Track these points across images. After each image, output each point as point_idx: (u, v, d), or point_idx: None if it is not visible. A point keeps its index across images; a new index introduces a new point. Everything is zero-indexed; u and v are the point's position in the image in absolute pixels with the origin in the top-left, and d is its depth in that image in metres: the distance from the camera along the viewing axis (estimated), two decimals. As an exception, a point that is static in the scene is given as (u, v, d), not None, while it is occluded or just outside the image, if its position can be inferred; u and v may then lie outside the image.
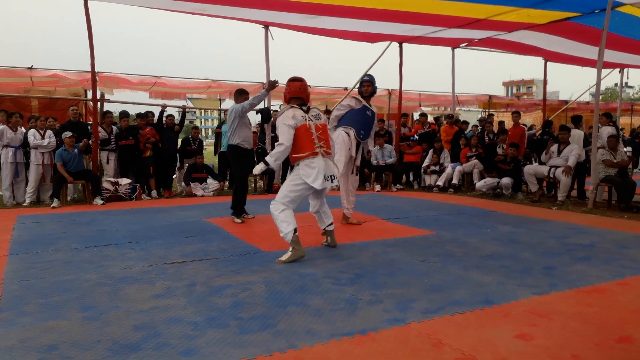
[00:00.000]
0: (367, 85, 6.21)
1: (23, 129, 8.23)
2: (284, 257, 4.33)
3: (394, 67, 11.08)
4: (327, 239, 4.98)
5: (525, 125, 11.52)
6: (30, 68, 10.65)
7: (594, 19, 8.26)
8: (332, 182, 4.55)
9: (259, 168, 4.54)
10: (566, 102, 18.98)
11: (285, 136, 4.41)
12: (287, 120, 4.43)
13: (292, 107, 4.58)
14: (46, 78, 11.04)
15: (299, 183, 4.47)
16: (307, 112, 4.59)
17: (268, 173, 9.78)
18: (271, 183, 9.78)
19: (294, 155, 4.51)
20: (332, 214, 4.96)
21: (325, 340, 2.66)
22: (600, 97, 10.04)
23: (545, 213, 7.22)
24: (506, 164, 9.08)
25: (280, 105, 13.97)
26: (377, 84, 6.38)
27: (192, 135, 10.15)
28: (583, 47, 10.28)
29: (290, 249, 4.35)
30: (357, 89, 6.58)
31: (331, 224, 4.92)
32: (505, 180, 8.91)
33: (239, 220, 6.35)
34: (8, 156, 7.92)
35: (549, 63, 12.81)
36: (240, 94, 6.65)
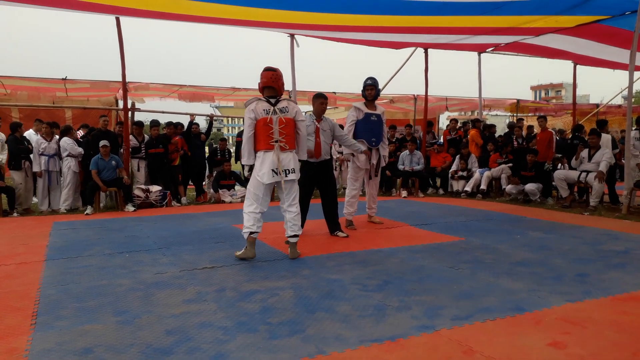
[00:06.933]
0: (371, 88, 6.17)
1: (57, 137, 8.50)
2: (238, 253, 4.69)
3: (420, 72, 11.05)
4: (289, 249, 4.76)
5: (555, 130, 11.30)
6: (64, 79, 10.99)
7: (624, 21, 8.08)
8: (285, 176, 4.55)
9: (246, 169, 4.81)
10: (597, 105, 18.52)
11: (245, 129, 4.59)
12: (248, 113, 4.56)
13: (258, 99, 4.60)
14: (79, 92, 11.41)
15: (254, 177, 4.64)
16: (275, 104, 4.58)
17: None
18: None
19: (256, 149, 4.62)
20: (300, 227, 4.75)
21: (354, 346, 2.66)
22: (633, 100, 9.76)
23: (577, 219, 7.06)
24: (527, 170, 8.93)
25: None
26: (403, 90, 6.40)
27: (220, 147, 10.36)
28: (614, 49, 10.05)
29: (244, 247, 4.65)
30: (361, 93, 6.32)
31: (293, 236, 4.69)
32: (530, 187, 8.76)
33: (343, 235, 5.75)
34: (41, 164, 8.19)
35: (578, 66, 12.56)
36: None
